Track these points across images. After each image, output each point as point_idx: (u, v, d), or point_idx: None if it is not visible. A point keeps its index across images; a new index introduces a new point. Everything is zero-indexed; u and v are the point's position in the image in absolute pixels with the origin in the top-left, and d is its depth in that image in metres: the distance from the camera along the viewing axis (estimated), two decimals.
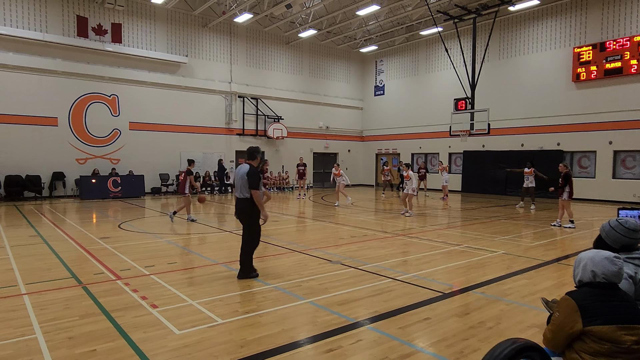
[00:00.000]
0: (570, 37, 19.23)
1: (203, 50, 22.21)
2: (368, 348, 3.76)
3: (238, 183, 6.01)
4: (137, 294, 5.20)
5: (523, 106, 20.73)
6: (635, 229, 2.85)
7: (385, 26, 24.62)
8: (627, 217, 4.30)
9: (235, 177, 6.12)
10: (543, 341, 2.55)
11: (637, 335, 2.26)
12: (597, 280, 2.37)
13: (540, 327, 4.25)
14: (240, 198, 6.02)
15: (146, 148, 20.43)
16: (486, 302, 5.04)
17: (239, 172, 6.05)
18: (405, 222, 11.81)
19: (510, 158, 20.82)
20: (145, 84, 20.34)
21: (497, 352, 1.23)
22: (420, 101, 25.63)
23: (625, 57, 17.35)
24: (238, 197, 6.05)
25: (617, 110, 17.70)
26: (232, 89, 23.03)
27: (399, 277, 6.12)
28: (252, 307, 4.79)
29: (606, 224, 2.99)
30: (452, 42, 22.20)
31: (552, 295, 5.13)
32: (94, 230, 10.06)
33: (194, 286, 5.57)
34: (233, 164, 23.55)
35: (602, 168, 18.27)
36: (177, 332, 4.05)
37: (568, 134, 19.23)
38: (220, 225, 11.13)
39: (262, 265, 6.78)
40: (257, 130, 24.18)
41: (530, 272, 6.47)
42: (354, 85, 29.13)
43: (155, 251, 7.80)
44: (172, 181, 21.03)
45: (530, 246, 8.55)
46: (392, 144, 27.70)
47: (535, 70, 20.41)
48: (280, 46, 25.25)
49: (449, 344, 3.86)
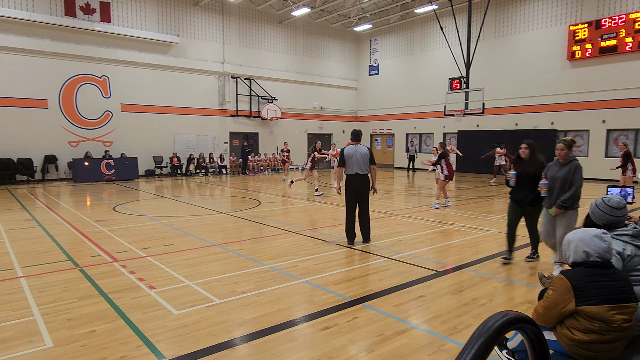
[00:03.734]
0: (566, 15, 19.06)
1: (195, 30, 21.80)
2: (364, 325, 3.84)
3: (359, 161, 6.81)
4: (134, 276, 5.24)
5: (518, 85, 20.68)
6: (617, 207, 2.89)
7: (379, 4, 24.24)
8: (613, 194, 4.36)
9: (353, 157, 6.84)
10: (533, 315, 2.62)
11: (627, 314, 2.32)
12: (590, 259, 2.42)
13: (532, 303, 4.35)
14: (361, 174, 6.85)
15: (139, 130, 20.24)
16: (479, 280, 5.14)
17: (356, 152, 6.85)
18: (400, 202, 11.88)
19: (505, 137, 20.88)
20: (136, 65, 20.01)
21: (489, 323, 1.26)
22: (415, 81, 25.47)
23: (621, 35, 17.26)
24: (360, 173, 6.82)
25: (611, 89, 17.72)
26: (225, 69, 22.72)
27: (394, 256, 6.20)
28: (249, 287, 4.85)
29: (593, 202, 3.04)
30: (448, 20, 21.93)
31: (546, 272, 5.24)
32: (89, 213, 10.05)
33: (191, 267, 5.62)
34: (227, 145, 23.45)
35: (595, 147, 18.40)
36: (176, 312, 4.11)
37: (562, 112, 19.27)
38: (216, 207, 11.15)
39: (259, 247, 6.84)
40: (250, 112, 24.00)
41: (522, 250, 6.58)
42: (349, 65, 28.84)
43: (152, 233, 7.83)
44: (166, 163, 20.93)
45: (522, 224, 8.64)
46: (386, 124, 27.63)
47: (530, 49, 20.29)
48: (274, 25, 24.84)
49: (442, 321, 3.95)
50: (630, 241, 2.75)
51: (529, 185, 5.46)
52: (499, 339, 1.35)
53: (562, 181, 4.99)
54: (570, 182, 4.94)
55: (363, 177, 6.85)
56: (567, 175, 4.96)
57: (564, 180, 4.98)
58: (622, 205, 2.91)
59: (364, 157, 6.82)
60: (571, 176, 4.94)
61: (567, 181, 4.96)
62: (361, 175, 6.85)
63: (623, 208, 2.90)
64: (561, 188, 5.01)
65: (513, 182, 5.59)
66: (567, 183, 4.96)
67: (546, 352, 1.64)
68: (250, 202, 12.05)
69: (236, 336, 3.63)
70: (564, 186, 4.99)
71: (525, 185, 5.54)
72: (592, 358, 2.38)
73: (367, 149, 6.92)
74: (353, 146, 6.96)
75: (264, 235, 7.70)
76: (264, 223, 8.84)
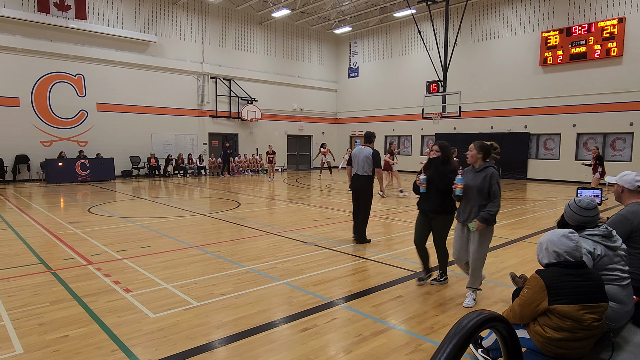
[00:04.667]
0: (539, 22, 19.63)
1: (173, 29, 21.51)
2: (342, 326, 3.86)
3: (360, 162, 6.95)
4: (109, 279, 5.13)
5: (493, 89, 21.16)
6: (587, 207, 2.99)
7: (359, 7, 24.44)
8: (585, 195, 4.52)
9: (357, 157, 7.01)
10: (508, 313, 2.69)
11: (597, 314, 2.41)
12: (561, 259, 2.49)
13: (506, 302, 4.46)
14: (360, 175, 6.97)
15: (115, 130, 19.82)
16: (456, 280, 5.24)
17: (360, 153, 6.99)
18: (379, 204, 12.00)
19: (481, 140, 21.28)
20: (112, 64, 19.61)
21: (464, 322, 1.29)
22: (394, 83, 25.76)
23: (590, 43, 17.88)
24: (360, 174, 6.97)
25: (581, 94, 18.33)
26: (204, 69, 22.49)
27: (372, 257, 6.26)
28: (228, 289, 4.82)
29: (567, 203, 3.15)
30: (425, 24, 22.27)
31: (518, 272, 5.37)
32: (63, 215, 9.78)
33: (168, 269, 5.54)
34: (206, 146, 23.20)
35: (565, 150, 18.97)
36: (152, 315, 4.04)
37: (535, 116, 19.81)
38: (195, 208, 11.02)
39: (238, 248, 6.80)
40: (230, 112, 23.81)
41: (497, 250, 6.74)
42: (328, 67, 28.95)
43: (128, 235, 7.68)
44: (144, 164, 20.56)
45: (497, 225, 8.84)
46: (365, 126, 27.78)
47: (505, 54, 20.79)
48: (254, 26, 24.73)
49: (420, 320, 4.01)
50: (600, 241, 2.85)
51: (441, 193, 4.73)
52: (474, 337, 1.39)
53: (477, 190, 4.27)
54: (487, 192, 4.24)
55: (362, 178, 6.97)
56: (482, 184, 4.23)
57: (479, 189, 4.26)
58: (592, 206, 3.00)
59: (365, 159, 6.93)
60: (487, 184, 4.21)
61: (483, 190, 4.23)
62: (360, 177, 6.98)
63: (593, 209, 3.00)
64: (476, 199, 4.30)
65: (423, 189, 4.75)
66: (482, 192, 4.24)
67: (518, 350, 1.70)
68: (230, 203, 11.96)
69: (214, 339, 3.60)
70: (480, 196, 4.27)
71: (436, 193, 4.78)
72: (563, 355, 2.46)
73: (372, 152, 6.94)
74: (360, 147, 7.13)
75: (243, 237, 7.65)
76: (244, 224, 8.79)
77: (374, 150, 6.99)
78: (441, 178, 4.70)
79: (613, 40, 17.28)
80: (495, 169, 4.32)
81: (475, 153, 4.33)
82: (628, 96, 17.13)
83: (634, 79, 16.91)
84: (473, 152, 4.34)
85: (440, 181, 4.70)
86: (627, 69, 17.11)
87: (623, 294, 2.81)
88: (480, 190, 4.24)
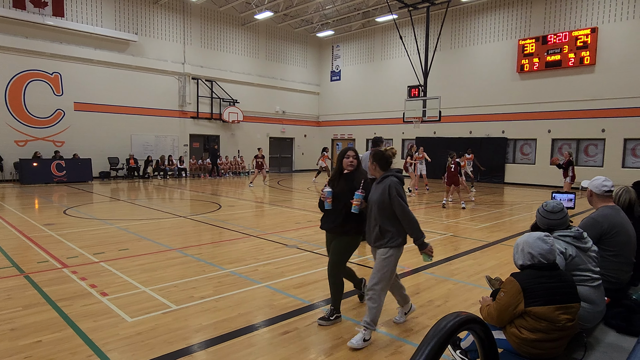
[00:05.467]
0: (516, 30, 20.11)
1: (154, 29, 21.22)
2: (323, 329, 3.87)
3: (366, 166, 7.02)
4: (85, 282, 5.02)
5: (472, 95, 21.56)
6: (553, 211, 3.10)
7: (341, 11, 24.58)
8: (559, 199, 4.65)
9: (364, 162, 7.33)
10: (486, 317, 2.74)
11: (571, 314, 2.49)
12: (536, 261, 2.56)
13: (480, 301, 4.54)
14: None
15: (93, 130, 19.41)
16: (435, 282, 5.31)
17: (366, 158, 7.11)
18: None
19: (460, 145, 21.68)
20: (91, 62, 19.21)
21: (442, 324, 1.32)
22: (376, 87, 25.98)
23: (564, 51, 18.42)
24: None
25: (556, 100, 18.85)
26: (186, 70, 22.24)
27: (353, 259, 6.28)
28: (208, 292, 4.77)
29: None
30: (407, 30, 22.55)
31: (495, 274, 5.48)
32: (37, 217, 9.52)
33: (147, 273, 5.45)
34: (187, 147, 22.93)
35: (541, 155, 19.46)
36: (130, 319, 3.97)
37: (512, 122, 20.27)
38: (175, 210, 10.87)
39: (218, 251, 6.74)
40: (212, 114, 23.60)
41: (475, 253, 6.86)
42: (311, 70, 29.00)
43: (105, 237, 7.53)
44: (123, 165, 20.18)
45: (475, 229, 9.03)
46: (347, 130, 27.99)
47: (483, 61, 21.23)
48: (236, 27, 24.61)
49: (400, 323, 4.05)
50: (572, 242, 2.94)
51: (346, 210, 3.81)
52: (452, 339, 1.42)
53: (378, 206, 3.58)
54: (389, 207, 3.54)
55: None
56: (381, 197, 3.55)
57: (379, 204, 3.57)
58: (557, 209, 3.10)
59: None
60: (386, 197, 3.53)
61: (383, 204, 3.55)
62: None
63: (559, 212, 3.10)
64: (378, 216, 3.59)
65: (329, 204, 3.86)
66: (384, 207, 3.55)
67: (495, 351, 1.74)
68: (211, 205, 11.84)
69: (193, 343, 3.56)
70: (382, 213, 3.57)
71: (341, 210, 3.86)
72: (538, 355, 2.53)
73: None
74: (368, 152, 7.35)
75: (224, 239, 7.59)
76: (225, 227, 8.72)
77: None
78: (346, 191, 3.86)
79: (586, 49, 17.84)
80: (398, 179, 3.63)
81: (352, 161, 3.82)
82: (600, 103, 17.70)
83: (606, 87, 17.48)
84: (355, 160, 3.82)
85: (344, 195, 3.84)
86: (600, 77, 17.68)
87: (595, 295, 2.90)
88: (380, 205, 3.56)
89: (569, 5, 18.52)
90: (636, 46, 16.76)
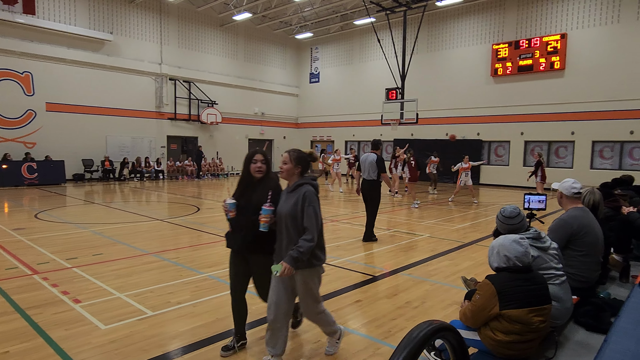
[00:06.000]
0: (490, 34, 20.59)
1: (130, 28, 20.82)
2: (302, 333, 3.87)
3: (367, 167, 7.60)
4: (57, 289, 4.88)
5: (448, 97, 21.95)
6: (510, 216, 3.19)
7: (320, 13, 24.66)
8: (531, 200, 4.78)
9: (364, 164, 7.70)
10: (461, 318, 2.80)
11: (544, 315, 2.56)
12: (511, 264, 2.62)
13: (460, 304, 4.62)
14: (367, 180, 7.62)
15: (67, 131, 18.88)
16: (413, 283, 5.38)
17: (366, 160, 7.65)
18: (338, 208, 12.13)
19: (437, 147, 22.05)
20: (64, 62, 18.69)
21: (414, 334, 1.35)
22: (354, 90, 26.15)
23: (536, 56, 18.96)
24: (366, 178, 7.63)
25: (528, 104, 19.38)
26: (163, 70, 21.89)
27: (332, 262, 6.31)
28: (185, 297, 4.71)
29: None
30: (384, 33, 22.76)
31: (471, 274, 5.59)
32: (6, 221, 9.20)
33: (122, 278, 5.34)
34: (164, 149, 22.56)
35: (514, 156, 19.97)
36: (103, 327, 3.88)
37: (487, 124, 20.73)
38: (152, 213, 10.68)
39: (196, 254, 6.66)
40: (190, 115, 23.29)
41: (452, 254, 6.98)
42: (290, 71, 28.97)
43: (79, 242, 7.34)
44: (97, 167, 19.70)
45: (452, 229, 9.19)
46: (326, 132, 28.06)
47: (459, 64, 21.64)
48: (215, 28, 24.38)
49: (378, 324, 4.08)
50: (532, 243, 3.04)
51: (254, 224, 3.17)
52: (424, 347, 1.44)
53: (291, 219, 3.03)
54: (301, 221, 2.99)
55: (369, 182, 7.63)
56: (294, 209, 3.01)
57: (292, 217, 3.02)
58: (514, 214, 3.20)
59: (370, 165, 7.56)
60: (299, 211, 2.99)
61: (297, 218, 3.00)
62: (367, 181, 7.65)
63: (516, 216, 3.20)
64: (290, 231, 3.05)
65: (232, 216, 3.26)
66: (297, 221, 3.01)
67: (467, 357, 1.78)
68: (189, 208, 11.69)
69: (170, 350, 3.50)
70: (295, 227, 3.02)
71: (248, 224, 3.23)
72: (512, 356, 2.60)
73: (376, 158, 7.56)
74: (366, 154, 7.80)
75: (202, 243, 7.50)
76: (203, 230, 8.62)
77: (378, 156, 7.61)
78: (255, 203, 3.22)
79: (556, 54, 18.40)
80: (314, 187, 3.10)
81: (290, 167, 3.10)
82: (570, 107, 18.28)
83: (575, 91, 18.08)
84: (288, 164, 3.11)
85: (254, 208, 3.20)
86: (569, 81, 18.27)
87: (561, 292, 3.00)
88: (294, 218, 3.01)
89: (540, 11, 19.08)
90: (603, 52, 17.38)
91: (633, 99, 16.72)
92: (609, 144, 17.61)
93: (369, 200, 7.72)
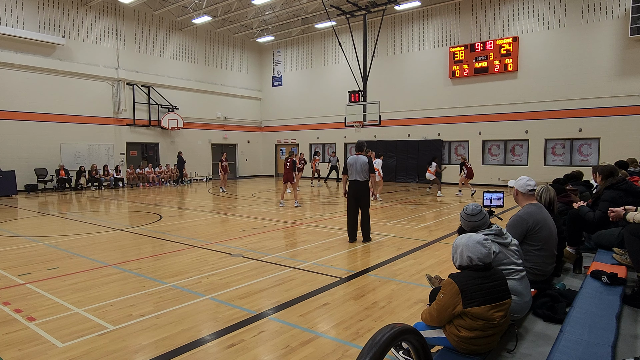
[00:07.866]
0: (447, 37, 21.24)
1: (84, 32, 20.02)
2: (270, 339, 3.84)
3: (358, 169, 7.69)
4: (9, 307, 4.61)
5: (409, 99, 22.44)
6: (472, 213, 3.31)
7: (281, 17, 24.63)
8: (490, 198, 4.96)
9: (353, 165, 7.75)
10: (426, 317, 2.86)
11: (504, 310, 2.67)
12: (473, 263, 2.71)
13: (425, 301, 4.72)
14: (360, 181, 7.73)
15: (16, 140, 17.90)
16: (379, 284, 5.45)
17: (356, 161, 7.73)
18: (304, 212, 12.12)
19: (399, 147, 22.55)
20: (12, 67, 17.72)
21: (377, 338, 1.36)
22: (317, 93, 26.27)
23: (490, 58, 19.72)
24: (360, 180, 7.71)
25: (485, 104, 20.12)
26: (120, 75, 21.18)
27: (299, 265, 6.29)
28: (148, 309, 4.56)
29: None
30: (345, 36, 23.04)
31: (435, 272, 5.73)
32: None
33: (80, 292, 5.11)
34: (123, 156, 21.82)
35: (474, 155, 20.65)
36: (61, 345, 3.70)
37: (446, 125, 21.35)
38: (111, 223, 10.29)
39: (159, 264, 6.47)
40: (150, 121, 22.64)
41: (416, 252, 7.12)
42: (252, 75, 28.75)
43: (32, 256, 6.96)
44: (52, 177, 18.78)
45: (416, 228, 9.39)
46: (291, 135, 28.02)
47: (418, 67, 22.18)
48: (173, 32, 23.84)
49: (346, 326, 4.11)
50: (494, 239, 3.16)
51: None
52: (388, 350, 1.46)
53: None
54: None
55: (362, 184, 7.75)
56: None
57: None
58: (476, 212, 3.32)
59: (363, 166, 7.70)
60: None
61: None
62: (360, 182, 7.75)
63: (478, 214, 3.31)
64: None
65: None
66: None
67: (429, 356, 1.82)
68: (151, 216, 11.34)
69: None
70: None
71: None
72: (475, 351, 2.69)
73: (367, 159, 7.75)
74: (354, 156, 7.88)
75: (165, 252, 7.30)
76: (166, 238, 8.39)
77: (368, 157, 7.82)
78: None
79: (509, 56, 19.21)
80: None
81: None
82: (523, 107, 19.12)
83: (527, 92, 18.93)
84: None
85: None
86: (522, 82, 19.11)
87: (521, 287, 3.12)
88: None
89: (493, 15, 19.86)
90: (552, 54, 18.30)
91: (581, 99, 17.69)
92: (560, 141, 18.53)
93: (362, 200, 7.84)
